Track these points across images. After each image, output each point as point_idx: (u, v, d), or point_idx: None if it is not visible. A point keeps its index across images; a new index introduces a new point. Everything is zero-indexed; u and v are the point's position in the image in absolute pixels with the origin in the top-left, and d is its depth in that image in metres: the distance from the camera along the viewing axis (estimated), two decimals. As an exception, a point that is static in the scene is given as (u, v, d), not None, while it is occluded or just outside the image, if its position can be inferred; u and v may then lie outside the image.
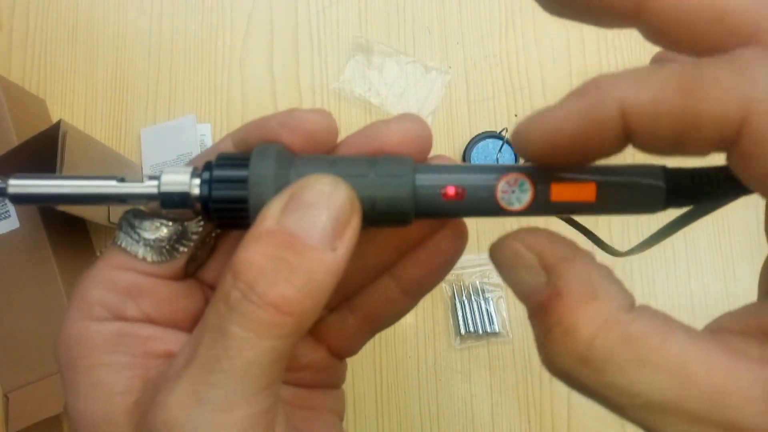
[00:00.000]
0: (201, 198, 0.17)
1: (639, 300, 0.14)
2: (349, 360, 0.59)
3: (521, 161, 0.17)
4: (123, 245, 0.19)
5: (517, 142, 0.16)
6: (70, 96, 0.61)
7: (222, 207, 0.17)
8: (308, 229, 0.16)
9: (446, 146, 0.59)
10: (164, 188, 0.17)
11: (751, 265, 0.57)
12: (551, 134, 0.15)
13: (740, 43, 0.13)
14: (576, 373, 0.14)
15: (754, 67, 0.12)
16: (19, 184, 0.17)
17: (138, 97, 0.61)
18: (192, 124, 0.58)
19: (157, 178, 0.18)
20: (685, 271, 0.57)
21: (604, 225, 0.57)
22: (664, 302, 0.56)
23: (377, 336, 0.25)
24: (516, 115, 0.60)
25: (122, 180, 0.18)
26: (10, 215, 0.51)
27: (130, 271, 0.19)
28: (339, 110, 0.60)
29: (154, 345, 0.18)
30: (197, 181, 0.17)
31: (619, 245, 0.55)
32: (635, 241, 0.57)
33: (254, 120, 0.19)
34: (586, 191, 0.17)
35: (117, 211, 0.52)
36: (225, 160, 0.18)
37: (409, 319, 0.56)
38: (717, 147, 0.13)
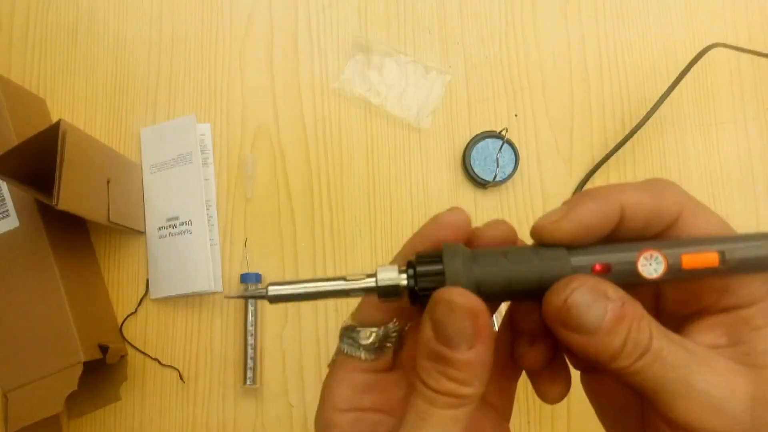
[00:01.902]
0: (408, 288, 0.23)
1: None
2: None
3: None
4: (348, 352, 0.26)
5: (543, 234, 0.22)
6: (70, 96, 0.61)
7: (426, 294, 0.22)
8: (448, 341, 0.21)
9: (446, 146, 0.59)
10: (381, 283, 0.23)
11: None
12: (575, 227, 0.22)
13: (676, 216, 0.22)
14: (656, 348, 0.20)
15: (676, 186, 0.23)
16: (276, 290, 0.24)
17: (138, 97, 0.61)
18: (192, 124, 0.58)
19: (374, 275, 0.24)
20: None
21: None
22: (664, 302, 0.56)
23: None
24: (516, 115, 0.60)
25: (345, 279, 0.24)
26: (9, 215, 0.51)
27: (359, 372, 0.26)
28: (339, 110, 0.60)
29: (379, 427, 0.25)
30: (404, 276, 0.23)
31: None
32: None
33: (420, 232, 0.25)
34: (710, 259, 0.21)
35: (116, 211, 0.52)
36: (423, 258, 0.23)
37: (408, 319, 0.56)
38: (665, 228, 0.22)
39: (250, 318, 0.55)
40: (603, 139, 0.59)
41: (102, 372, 0.54)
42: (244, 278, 0.56)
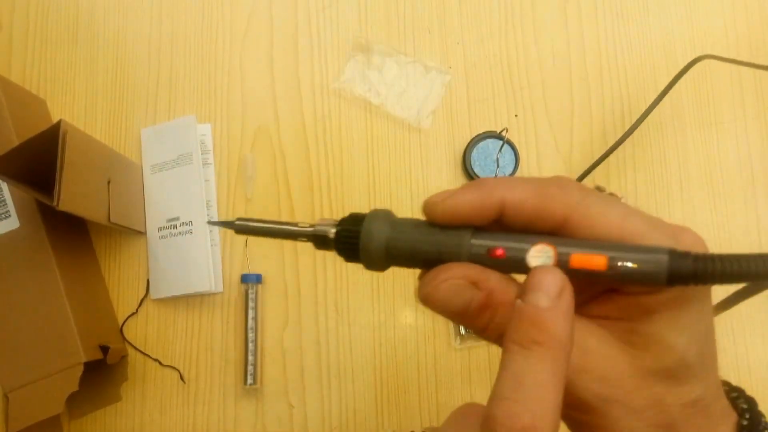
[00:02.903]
0: (334, 240, 0.25)
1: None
2: (349, 360, 0.60)
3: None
4: None
5: (426, 211, 0.24)
6: (70, 96, 0.61)
7: (343, 248, 0.25)
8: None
9: (446, 146, 0.59)
10: (315, 231, 0.25)
11: (751, 265, 0.57)
12: (455, 209, 0.23)
13: (562, 220, 0.23)
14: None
15: (569, 188, 0.23)
16: (242, 223, 0.28)
17: (138, 97, 0.61)
18: (192, 124, 0.58)
19: (314, 226, 0.26)
20: (685, 271, 0.57)
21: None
22: (664, 302, 0.56)
23: (377, 337, 0.26)
24: (516, 116, 0.60)
25: (296, 225, 0.26)
26: (10, 215, 0.51)
27: None
28: (339, 110, 0.60)
29: None
30: (333, 230, 0.25)
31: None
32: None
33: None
34: (598, 263, 0.21)
35: (117, 212, 0.52)
36: (351, 218, 0.25)
37: (408, 319, 0.56)
38: (553, 228, 0.22)
39: (250, 318, 0.55)
40: (603, 139, 0.59)
41: (103, 372, 0.54)
42: (245, 278, 0.56)
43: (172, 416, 0.55)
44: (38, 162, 0.45)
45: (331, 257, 0.57)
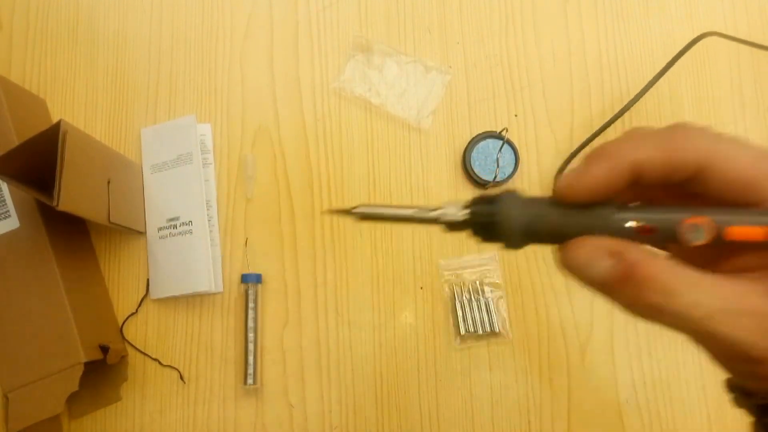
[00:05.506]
0: (469, 223, 0.25)
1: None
2: (349, 360, 0.60)
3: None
4: None
5: (562, 196, 0.23)
6: (70, 96, 0.61)
7: (480, 229, 0.25)
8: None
9: (446, 146, 0.59)
10: (444, 217, 0.25)
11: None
12: (590, 187, 0.23)
13: (695, 169, 0.22)
14: (663, 304, 0.21)
15: (696, 135, 0.22)
16: (362, 210, 0.26)
17: (138, 97, 0.61)
18: (192, 124, 0.58)
19: (438, 209, 0.25)
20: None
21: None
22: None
23: (377, 337, 0.26)
24: (516, 115, 0.60)
25: (418, 209, 0.26)
26: (10, 215, 0.51)
27: None
28: (339, 110, 0.60)
29: None
30: (466, 212, 0.25)
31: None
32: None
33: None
34: (756, 233, 0.22)
35: (117, 212, 0.52)
36: (482, 198, 0.25)
37: (409, 319, 0.56)
38: (686, 179, 0.22)
39: (250, 318, 0.55)
40: (603, 138, 0.59)
41: (103, 372, 0.54)
42: (245, 278, 0.56)
43: (172, 416, 0.55)
44: (38, 162, 0.45)
45: (331, 256, 0.57)
